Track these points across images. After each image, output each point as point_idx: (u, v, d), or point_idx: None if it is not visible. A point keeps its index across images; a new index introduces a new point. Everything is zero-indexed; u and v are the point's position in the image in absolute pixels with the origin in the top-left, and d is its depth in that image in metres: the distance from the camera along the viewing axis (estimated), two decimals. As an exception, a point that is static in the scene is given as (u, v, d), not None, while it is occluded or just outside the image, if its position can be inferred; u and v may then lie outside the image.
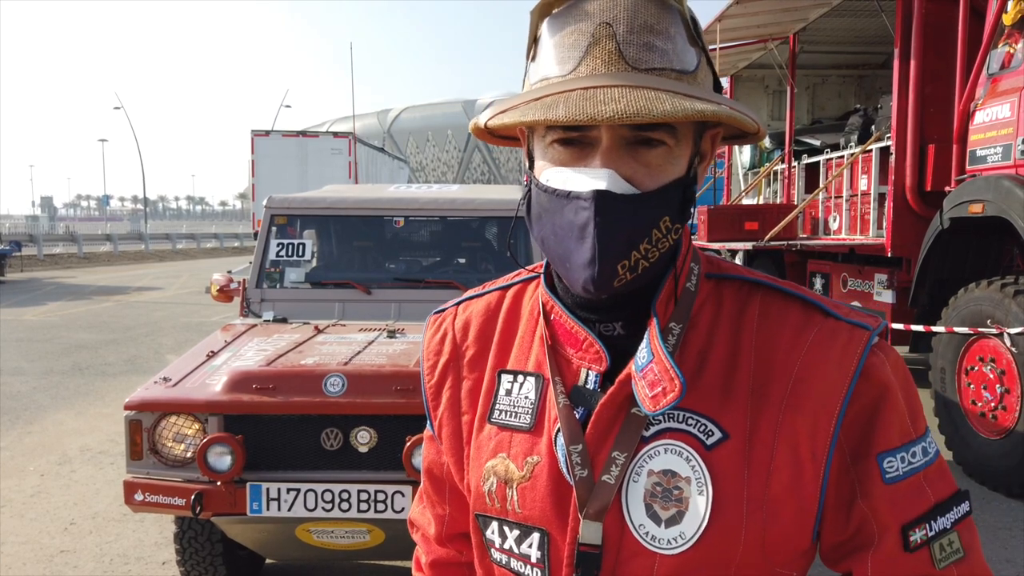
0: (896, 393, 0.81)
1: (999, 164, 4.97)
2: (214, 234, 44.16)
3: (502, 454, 0.88)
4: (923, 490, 0.81)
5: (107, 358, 9.41)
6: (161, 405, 2.81)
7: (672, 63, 0.75)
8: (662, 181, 0.76)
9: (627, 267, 0.77)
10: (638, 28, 0.74)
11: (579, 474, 0.81)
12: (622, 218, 0.75)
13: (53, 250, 29.24)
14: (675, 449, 0.80)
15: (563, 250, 0.79)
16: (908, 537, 0.79)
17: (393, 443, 2.80)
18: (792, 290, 0.86)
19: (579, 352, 0.86)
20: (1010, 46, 4.96)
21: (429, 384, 0.98)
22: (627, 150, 0.76)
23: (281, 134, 19.18)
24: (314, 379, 2.82)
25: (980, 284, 4.97)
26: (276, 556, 3.34)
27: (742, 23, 8.17)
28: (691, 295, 0.85)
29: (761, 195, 9.98)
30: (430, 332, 1.01)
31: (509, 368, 0.92)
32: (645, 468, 0.81)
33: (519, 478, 0.86)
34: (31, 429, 6.29)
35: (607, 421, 0.82)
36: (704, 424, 0.80)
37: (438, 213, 4.31)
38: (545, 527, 0.84)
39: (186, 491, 2.74)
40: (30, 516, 4.46)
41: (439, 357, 0.98)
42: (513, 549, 0.88)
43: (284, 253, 4.17)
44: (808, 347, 0.81)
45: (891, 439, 0.80)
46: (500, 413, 0.90)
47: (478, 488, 0.90)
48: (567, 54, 0.76)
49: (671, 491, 0.80)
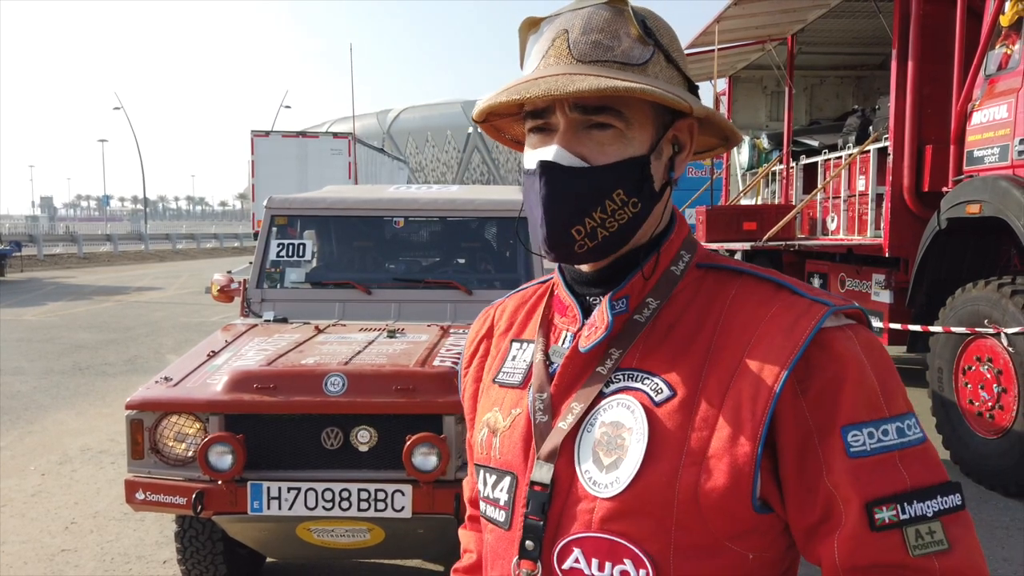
0: (862, 368, 0.81)
1: (996, 165, 4.99)
2: (214, 234, 44.18)
3: (496, 408, 0.99)
4: (896, 471, 0.79)
5: (107, 358, 9.43)
6: (162, 405, 2.83)
7: (616, 56, 0.85)
8: (613, 158, 0.86)
9: (584, 233, 0.87)
10: (589, 30, 0.86)
11: (540, 419, 0.91)
12: (568, 186, 0.85)
13: (53, 250, 29.25)
14: (625, 403, 0.87)
15: (532, 218, 0.90)
16: (873, 515, 0.78)
17: (393, 443, 2.82)
18: (770, 276, 0.90)
19: (564, 318, 0.97)
20: (1007, 47, 4.98)
21: (466, 355, 1.11)
22: (582, 133, 0.86)
23: (281, 135, 19.19)
24: (314, 379, 2.83)
25: (977, 284, 4.98)
26: (277, 555, 3.35)
27: (740, 24, 8.19)
28: (674, 277, 0.92)
29: (759, 196, 10.01)
30: (478, 321, 1.14)
31: (519, 337, 1.04)
32: (599, 420, 0.88)
33: (502, 427, 0.96)
34: (32, 429, 6.30)
35: (572, 375, 0.91)
36: (655, 383, 0.87)
37: (438, 213, 4.32)
38: (513, 471, 0.93)
39: (187, 490, 2.76)
40: (31, 515, 4.48)
41: (478, 334, 1.11)
42: (489, 495, 0.96)
43: (284, 253, 4.18)
44: (767, 318, 0.85)
45: (857, 413, 0.80)
46: (503, 374, 1.01)
47: (476, 439, 1.01)
48: (535, 58, 0.89)
49: (614, 439, 0.86)
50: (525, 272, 4.15)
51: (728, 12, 7.64)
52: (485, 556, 0.99)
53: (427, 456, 2.75)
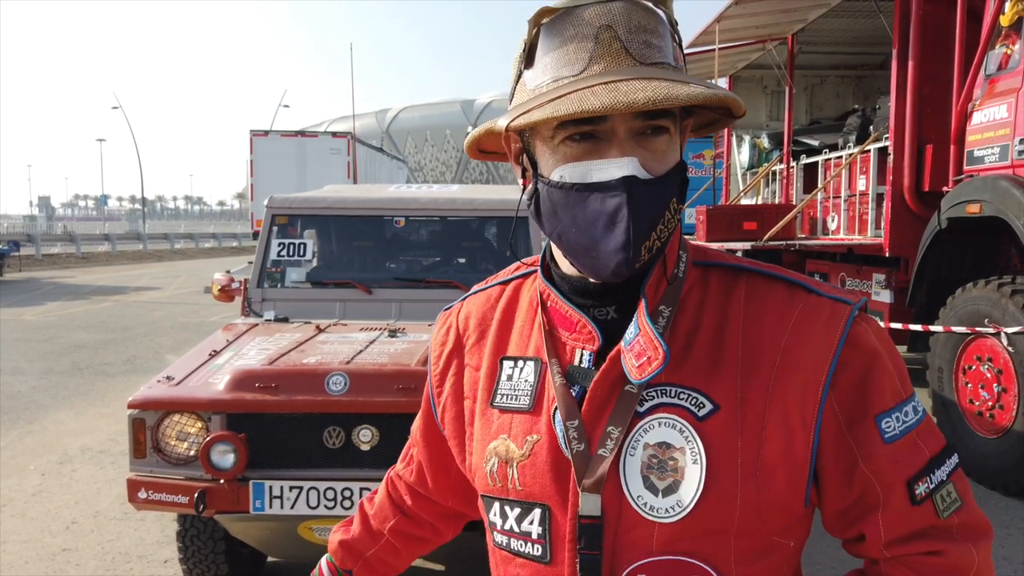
0: (884, 358, 0.86)
1: (996, 164, 5.00)
2: (212, 234, 44.15)
3: (503, 435, 0.92)
4: (918, 446, 0.85)
5: (106, 358, 9.42)
6: (164, 404, 2.82)
7: (667, 58, 0.82)
8: (668, 166, 0.83)
9: (647, 247, 0.82)
10: (635, 28, 0.81)
11: (576, 448, 0.86)
12: (647, 201, 0.81)
13: (51, 250, 29.21)
14: (669, 422, 0.84)
15: (588, 240, 0.82)
16: (914, 491, 0.84)
17: (395, 442, 2.81)
18: (775, 272, 0.91)
19: (573, 334, 0.91)
20: (1007, 47, 4.99)
21: (435, 372, 1.05)
22: (637, 140, 0.82)
23: (280, 134, 19.19)
24: (316, 378, 2.83)
25: (977, 284, 4.99)
26: (278, 554, 3.35)
27: (741, 24, 8.19)
28: (679, 280, 0.90)
29: (759, 195, 10.01)
30: (437, 326, 1.08)
31: (510, 355, 0.97)
32: (641, 442, 0.84)
33: (519, 456, 0.90)
34: (31, 429, 6.30)
35: (602, 398, 0.86)
36: (695, 397, 0.84)
37: (439, 213, 4.32)
38: (546, 502, 0.88)
39: (189, 489, 2.76)
40: (31, 515, 4.47)
41: (444, 347, 1.05)
42: (514, 528, 0.91)
43: (285, 253, 4.18)
44: (794, 322, 0.85)
45: (885, 400, 0.85)
46: (502, 397, 0.95)
47: (481, 469, 0.95)
48: (574, 56, 0.81)
49: (666, 462, 0.83)
50: (526, 271, 4.15)
51: (729, 11, 7.65)
52: None
53: (429, 455, 2.74)
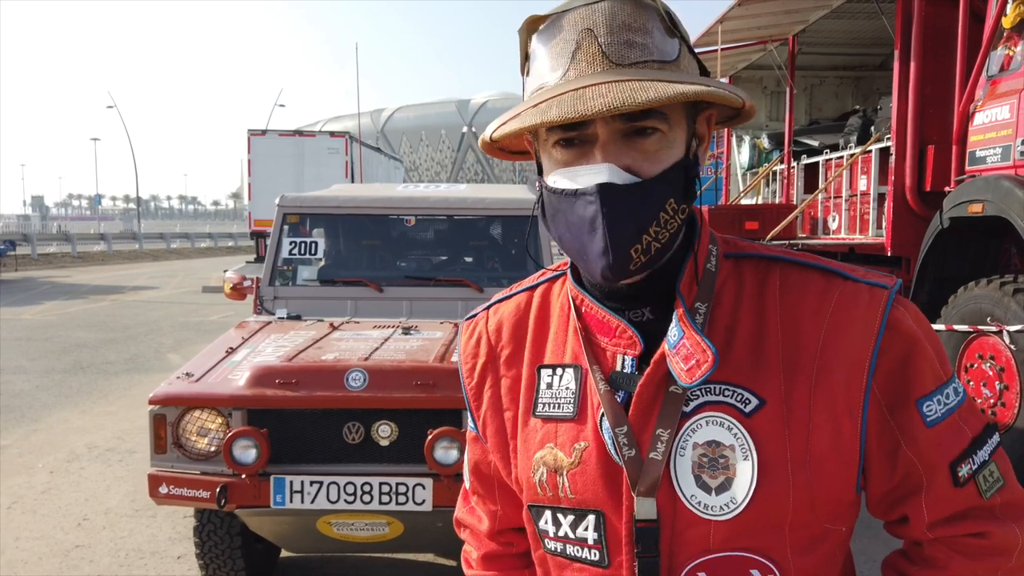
0: (923, 341, 0.86)
1: (999, 165, 5.04)
2: (208, 233, 44.04)
3: (549, 444, 0.92)
4: (961, 428, 0.86)
5: (108, 357, 9.42)
6: (186, 400, 2.85)
7: (652, 55, 0.80)
8: (662, 166, 0.81)
9: (640, 251, 0.82)
10: (617, 28, 0.79)
11: (627, 454, 0.86)
12: (628, 207, 0.80)
13: (47, 249, 29.11)
14: (717, 420, 0.85)
15: (579, 244, 0.84)
16: (957, 473, 0.85)
17: (414, 437, 2.85)
18: (808, 261, 0.91)
19: (612, 339, 0.90)
20: (1009, 49, 5.04)
21: (470, 386, 1.02)
22: (624, 142, 0.80)
23: (277, 133, 19.17)
24: (336, 374, 2.86)
25: (979, 283, 5.03)
26: (295, 548, 3.38)
27: (743, 24, 8.25)
28: (712, 275, 0.89)
29: (760, 195, 10.07)
30: (465, 337, 1.05)
31: (547, 363, 0.96)
32: (690, 442, 0.85)
33: (568, 465, 0.90)
34: (36, 427, 6.30)
35: (648, 401, 0.86)
36: (740, 394, 0.85)
37: (450, 212, 4.36)
38: (599, 508, 0.88)
39: (211, 484, 2.79)
40: (42, 512, 4.49)
41: (476, 360, 1.02)
42: (568, 535, 0.91)
43: (296, 251, 4.21)
44: (832, 310, 0.86)
45: (926, 384, 0.86)
46: (544, 406, 0.94)
47: (528, 480, 0.94)
48: (556, 62, 0.81)
49: (717, 460, 0.84)
50: (535, 269, 4.18)
51: (732, 12, 7.70)
52: None
53: (448, 450, 2.78)
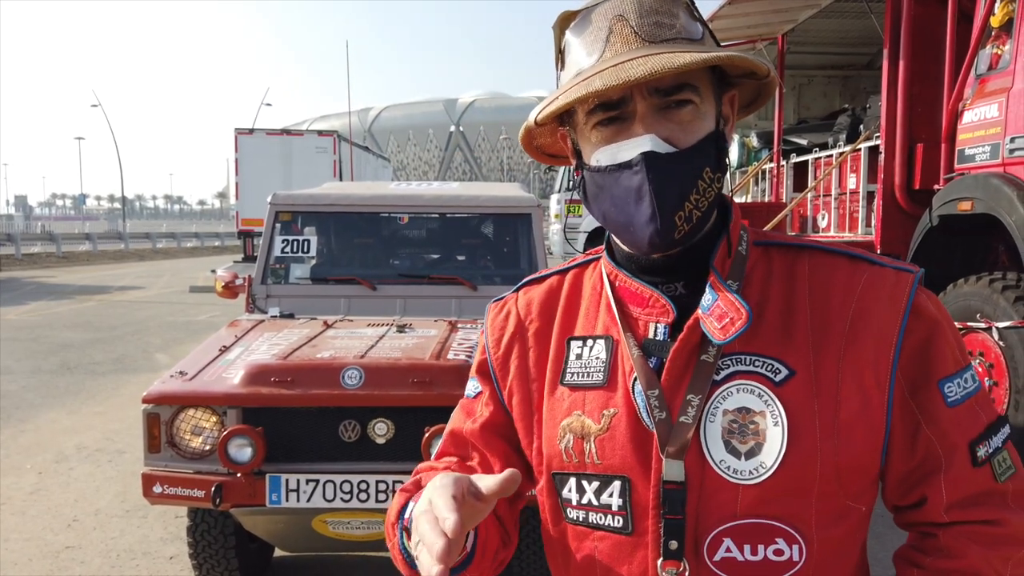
0: (945, 326, 0.90)
1: (987, 163, 5.08)
2: (195, 233, 43.81)
3: (577, 411, 0.94)
4: (977, 412, 0.90)
5: (95, 357, 9.34)
6: (180, 398, 2.83)
7: (681, 33, 0.86)
8: (697, 136, 0.87)
9: (683, 218, 0.86)
10: (646, 12, 0.86)
11: (658, 416, 0.88)
12: (670, 174, 0.85)
13: (31, 249, 28.81)
14: (747, 388, 0.87)
15: (625, 216, 0.88)
16: (975, 453, 0.88)
17: (410, 435, 2.83)
18: (836, 248, 0.95)
19: (646, 309, 0.94)
20: (997, 48, 5.08)
21: (496, 355, 1.04)
22: (661, 114, 0.86)
23: (265, 132, 19.10)
24: (332, 372, 2.85)
25: (969, 280, 5.07)
26: (290, 547, 3.36)
27: (733, 24, 8.27)
28: (743, 257, 0.93)
29: (749, 194, 10.11)
30: (493, 313, 1.08)
31: (577, 335, 0.98)
32: (720, 408, 0.88)
33: (596, 431, 0.92)
34: (24, 428, 6.24)
35: (680, 367, 0.89)
36: (771, 364, 0.88)
37: (444, 210, 4.34)
38: (626, 473, 0.90)
39: (206, 483, 2.76)
40: (31, 513, 4.44)
41: (504, 331, 1.04)
42: (592, 502, 0.93)
43: (289, 249, 4.19)
44: (861, 289, 0.90)
45: (947, 366, 0.89)
46: (572, 375, 0.96)
47: (553, 447, 0.95)
48: (591, 48, 0.87)
49: (747, 426, 0.86)
50: (529, 267, 4.18)
51: (721, 11, 7.72)
52: (590, 565, 0.94)
53: (445, 448, 2.76)
